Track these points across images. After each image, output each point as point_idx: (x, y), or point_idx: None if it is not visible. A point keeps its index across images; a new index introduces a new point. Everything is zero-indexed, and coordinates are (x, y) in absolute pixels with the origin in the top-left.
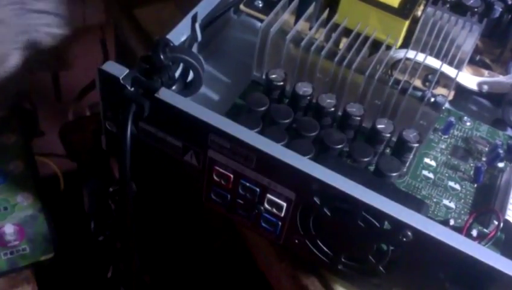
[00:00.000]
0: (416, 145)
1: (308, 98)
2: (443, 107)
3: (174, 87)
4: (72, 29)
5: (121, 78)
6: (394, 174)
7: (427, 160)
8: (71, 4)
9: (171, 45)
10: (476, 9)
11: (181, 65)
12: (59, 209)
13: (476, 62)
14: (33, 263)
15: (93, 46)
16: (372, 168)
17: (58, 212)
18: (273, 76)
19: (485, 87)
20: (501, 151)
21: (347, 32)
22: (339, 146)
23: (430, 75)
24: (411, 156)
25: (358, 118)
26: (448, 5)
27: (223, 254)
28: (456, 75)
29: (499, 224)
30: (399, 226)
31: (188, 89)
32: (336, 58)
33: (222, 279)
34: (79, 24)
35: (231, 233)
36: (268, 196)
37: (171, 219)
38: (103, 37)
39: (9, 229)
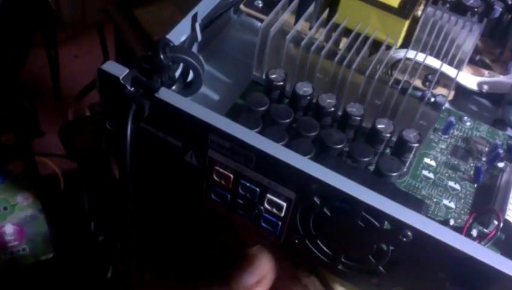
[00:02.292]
0: (416, 145)
1: (308, 98)
2: (443, 107)
3: (174, 87)
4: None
5: (120, 78)
6: (394, 174)
7: (427, 160)
8: (71, 4)
9: (171, 44)
10: (476, 9)
11: (181, 65)
12: (59, 209)
13: (476, 62)
14: (33, 263)
15: (93, 46)
16: (372, 168)
17: (58, 212)
18: (273, 76)
19: (485, 87)
20: (501, 151)
21: (347, 32)
22: (339, 146)
23: (430, 75)
24: (411, 156)
25: (358, 118)
26: (448, 5)
27: (222, 254)
28: (456, 75)
29: (499, 224)
30: (399, 226)
31: (188, 89)
32: (336, 58)
33: (222, 279)
34: (79, 24)
35: (231, 233)
36: (268, 196)
37: (171, 219)
38: (103, 37)
39: (9, 229)
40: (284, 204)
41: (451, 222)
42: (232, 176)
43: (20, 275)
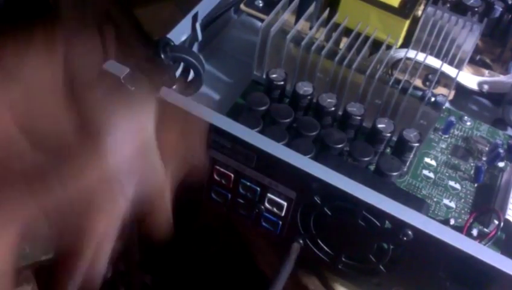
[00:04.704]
0: (417, 144)
1: (309, 97)
2: (443, 107)
3: (174, 87)
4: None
5: (122, 77)
6: (395, 173)
7: (427, 159)
8: (71, 4)
9: (172, 44)
10: (476, 9)
11: (182, 64)
12: None
13: (476, 62)
14: (33, 263)
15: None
16: (372, 167)
17: None
18: (274, 76)
19: (485, 87)
20: (501, 150)
21: (347, 31)
22: (340, 145)
23: (431, 75)
24: (411, 156)
25: (359, 118)
26: (448, 5)
27: (222, 254)
28: (457, 75)
29: (499, 223)
30: (399, 225)
31: (188, 88)
32: (336, 58)
33: (222, 279)
34: (79, 24)
35: (231, 233)
36: (269, 195)
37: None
38: (103, 37)
39: None
40: (285, 203)
41: (452, 222)
42: (232, 175)
43: None
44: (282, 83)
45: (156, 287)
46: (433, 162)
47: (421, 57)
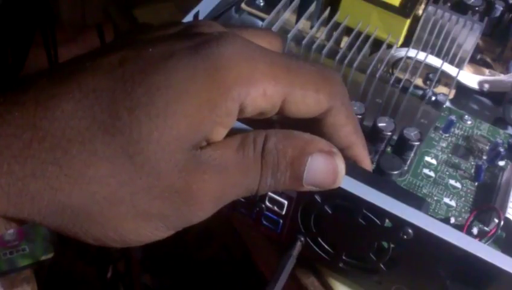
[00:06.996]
0: (417, 143)
1: None
2: (444, 106)
3: None
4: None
5: None
6: (395, 172)
7: (427, 158)
8: (71, 4)
9: None
10: (476, 8)
11: None
12: None
13: (477, 61)
14: (33, 263)
15: (93, 46)
16: (373, 166)
17: None
18: None
19: (486, 86)
20: (502, 149)
21: (348, 31)
22: None
23: (431, 74)
24: (412, 155)
25: (359, 117)
26: (449, 4)
27: (222, 254)
28: (457, 74)
29: (499, 222)
30: (400, 223)
31: None
32: (337, 57)
33: (222, 279)
34: (79, 24)
35: (231, 233)
36: (270, 193)
37: None
38: (103, 37)
39: None
40: (285, 202)
41: (452, 220)
42: None
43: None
44: None
45: (156, 287)
46: (434, 161)
47: (421, 56)
